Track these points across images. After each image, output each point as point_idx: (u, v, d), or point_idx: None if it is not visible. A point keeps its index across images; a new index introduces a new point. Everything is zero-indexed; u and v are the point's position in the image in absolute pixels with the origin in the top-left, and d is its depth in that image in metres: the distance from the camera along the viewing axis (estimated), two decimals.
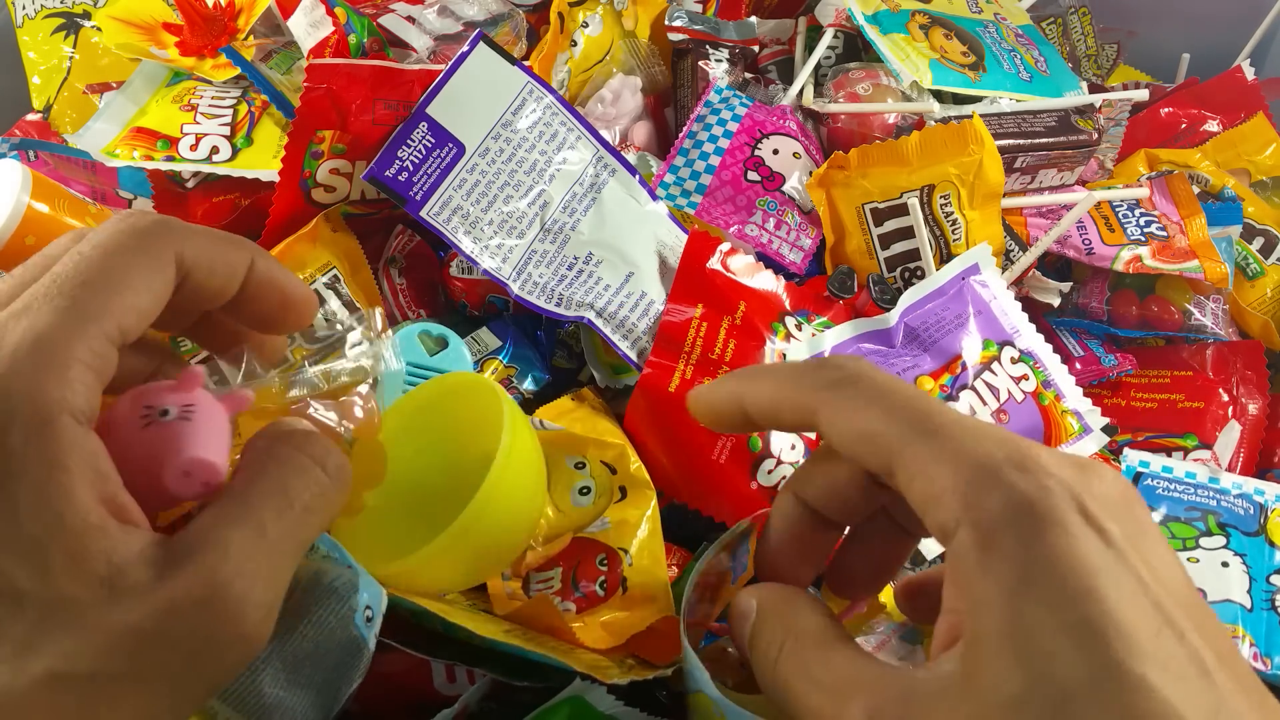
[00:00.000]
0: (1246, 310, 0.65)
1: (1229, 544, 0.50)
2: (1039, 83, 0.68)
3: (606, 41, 0.68)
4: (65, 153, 0.59)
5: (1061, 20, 0.80)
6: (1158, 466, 0.54)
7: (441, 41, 0.63)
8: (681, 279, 0.53)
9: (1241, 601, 0.47)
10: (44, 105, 0.65)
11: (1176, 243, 0.63)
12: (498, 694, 0.40)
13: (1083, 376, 0.59)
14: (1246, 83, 0.74)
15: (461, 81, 0.52)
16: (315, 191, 0.53)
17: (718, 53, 0.68)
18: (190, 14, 0.61)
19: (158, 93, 0.61)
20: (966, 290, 0.56)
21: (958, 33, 0.69)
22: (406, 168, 0.51)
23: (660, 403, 0.49)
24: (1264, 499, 0.52)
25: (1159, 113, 0.75)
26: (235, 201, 0.58)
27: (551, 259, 0.53)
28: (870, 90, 0.65)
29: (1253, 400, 0.60)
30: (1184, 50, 0.81)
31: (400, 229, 0.59)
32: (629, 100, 0.65)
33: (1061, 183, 0.67)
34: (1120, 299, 0.63)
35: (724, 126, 0.62)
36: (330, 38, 0.57)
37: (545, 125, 0.54)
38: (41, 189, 0.47)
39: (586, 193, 0.55)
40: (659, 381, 0.50)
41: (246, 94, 0.60)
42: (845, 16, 0.69)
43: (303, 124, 0.51)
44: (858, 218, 0.59)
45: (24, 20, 0.66)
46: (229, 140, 0.57)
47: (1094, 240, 0.63)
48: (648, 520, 0.45)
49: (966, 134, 0.58)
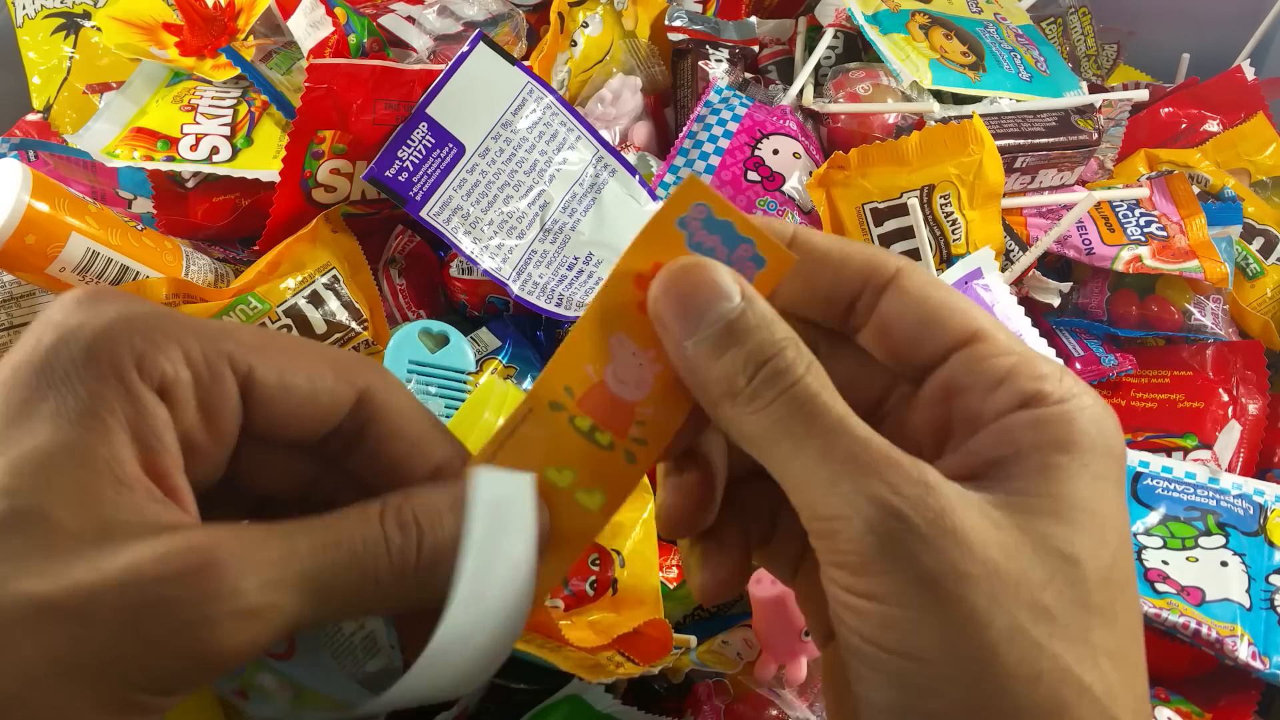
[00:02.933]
0: (1246, 310, 0.65)
1: (1228, 544, 0.50)
2: (1039, 83, 0.68)
3: (606, 41, 0.68)
4: (65, 153, 0.59)
5: (1061, 20, 0.80)
6: (1157, 466, 0.54)
7: (441, 41, 0.63)
8: None
9: (1240, 601, 0.47)
10: (44, 105, 0.65)
11: (1176, 243, 0.63)
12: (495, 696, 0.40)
13: (1083, 376, 0.59)
14: (1246, 83, 0.74)
15: (461, 82, 0.52)
16: (316, 192, 0.53)
17: (718, 53, 0.68)
18: (190, 14, 0.61)
19: (158, 93, 0.61)
20: (970, 294, 0.56)
21: (958, 33, 0.69)
22: (406, 168, 0.51)
23: None
24: (1263, 499, 0.52)
25: (1159, 113, 0.75)
26: (235, 202, 0.58)
27: (551, 259, 0.53)
28: (870, 90, 0.65)
29: (1253, 400, 0.60)
30: (1184, 50, 0.81)
31: (400, 229, 0.59)
32: (629, 100, 0.65)
33: (1061, 183, 0.67)
34: (1120, 299, 0.63)
35: (724, 127, 0.62)
36: (330, 38, 0.57)
37: (545, 125, 0.54)
38: (42, 189, 0.47)
39: (586, 193, 0.55)
40: None
41: (246, 94, 0.60)
42: (845, 16, 0.69)
43: (303, 124, 0.51)
44: (858, 218, 0.59)
45: (24, 20, 0.66)
46: (229, 140, 0.58)
47: (1094, 240, 0.63)
48: (642, 524, 0.45)
49: (966, 134, 0.58)
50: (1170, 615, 0.47)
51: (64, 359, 0.20)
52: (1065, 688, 0.19)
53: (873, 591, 0.20)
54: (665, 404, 0.24)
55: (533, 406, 0.24)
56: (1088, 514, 0.21)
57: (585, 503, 0.24)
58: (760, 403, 0.21)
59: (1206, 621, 0.46)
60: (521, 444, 0.24)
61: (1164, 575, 0.49)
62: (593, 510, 0.24)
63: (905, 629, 0.20)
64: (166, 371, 0.21)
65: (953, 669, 0.19)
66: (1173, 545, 0.51)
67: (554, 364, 0.24)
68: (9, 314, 0.53)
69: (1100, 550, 0.20)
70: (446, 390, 0.49)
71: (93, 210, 0.49)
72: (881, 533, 0.20)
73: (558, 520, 0.24)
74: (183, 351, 0.21)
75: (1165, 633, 0.47)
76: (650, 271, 0.23)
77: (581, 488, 0.24)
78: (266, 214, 0.53)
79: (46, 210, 0.47)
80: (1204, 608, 0.47)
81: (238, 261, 0.57)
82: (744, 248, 0.23)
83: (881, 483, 0.20)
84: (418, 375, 0.48)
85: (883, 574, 0.20)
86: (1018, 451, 0.21)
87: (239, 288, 0.51)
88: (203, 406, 0.21)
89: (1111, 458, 0.21)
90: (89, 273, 0.48)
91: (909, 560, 0.19)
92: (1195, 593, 0.48)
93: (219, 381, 0.22)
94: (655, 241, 0.23)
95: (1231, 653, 0.45)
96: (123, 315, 0.21)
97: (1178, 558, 0.50)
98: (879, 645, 0.20)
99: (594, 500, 0.24)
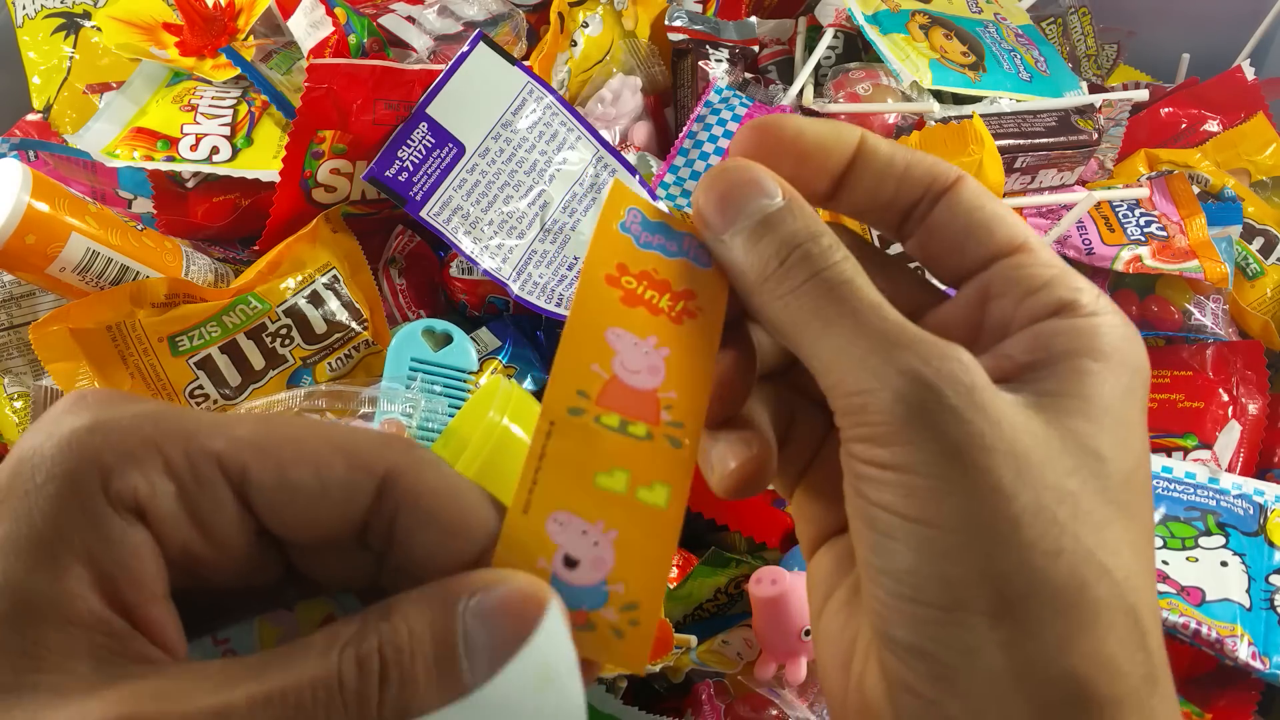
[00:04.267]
0: (1246, 310, 0.65)
1: (1228, 544, 0.50)
2: (1039, 83, 0.68)
3: (606, 41, 0.68)
4: (65, 153, 0.59)
5: (1061, 20, 0.80)
6: (1157, 466, 0.54)
7: (441, 41, 0.63)
8: None
9: (1240, 601, 0.47)
10: (44, 105, 0.65)
11: (1176, 243, 0.63)
12: None
13: None
14: (1246, 83, 0.74)
15: (461, 82, 0.52)
16: (316, 192, 0.53)
17: (718, 53, 0.68)
18: (190, 14, 0.61)
19: (158, 93, 0.61)
20: None
21: (958, 33, 0.69)
22: (407, 168, 0.51)
23: None
24: (1263, 499, 0.52)
25: (1159, 113, 0.75)
26: (235, 202, 0.58)
27: (551, 259, 0.53)
28: (870, 90, 0.65)
29: (1253, 400, 0.60)
30: (1184, 50, 0.81)
31: (400, 229, 0.59)
32: (629, 100, 0.65)
33: (1061, 183, 0.67)
34: (1120, 299, 0.64)
35: (724, 126, 0.62)
36: (330, 38, 0.57)
37: (545, 125, 0.54)
38: (42, 189, 0.47)
39: (586, 193, 0.55)
40: None
41: (246, 94, 0.60)
42: (845, 16, 0.69)
43: (303, 124, 0.51)
44: None
45: (24, 20, 0.66)
46: (229, 140, 0.58)
47: (1094, 240, 0.63)
48: None
49: (966, 134, 0.58)
50: (1170, 615, 0.47)
51: (22, 481, 0.18)
52: (1086, 567, 0.20)
53: (897, 462, 0.20)
54: (686, 383, 0.23)
55: (553, 419, 0.22)
56: (1114, 418, 0.21)
57: (650, 499, 0.22)
58: (791, 283, 0.22)
59: (1206, 621, 0.46)
60: (557, 464, 0.22)
61: (1164, 575, 0.49)
62: (661, 506, 0.22)
63: (927, 497, 0.20)
64: (140, 489, 0.18)
65: (973, 537, 0.19)
66: (1173, 545, 0.51)
67: (558, 373, 0.22)
68: (9, 314, 0.53)
69: (1125, 453, 0.21)
70: (450, 390, 0.49)
71: (93, 210, 0.49)
72: (912, 402, 0.20)
73: (629, 531, 0.21)
74: (163, 460, 0.19)
75: (1165, 633, 0.47)
76: (617, 272, 0.23)
77: (641, 485, 0.22)
78: (266, 214, 0.53)
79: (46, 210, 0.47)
80: (1204, 608, 0.47)
81: (238, 261, 0.57)
82: (687, 240, 0.24)
83: (914, 355, 0.20)
84: (421, 374, 0.48)
85: (909, 443, 0.20)
86: (1050, 355, 0.21)
87: (239, 288, 0.51)
88: (192, 516, 0.19)
89: (1139, 375, 0.22)
90: (89, 272, 0.48)
91: (937, 430, 0.19)
92: (1195, 593, 0.48)
93: (206, 488, 0.19)
94: (607, 248, 0.24)
95: (1231, 653, 0.45)
96: (96, 425, 0.19)
97: (1178, 558, 0.50)
98: (899, 514, 0.20)
99: (659, 495, 0.22)
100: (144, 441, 0.19)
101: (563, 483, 0.21)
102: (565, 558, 0.20)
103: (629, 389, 0.23)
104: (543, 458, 0.21)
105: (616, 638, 0.20)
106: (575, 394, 0.22)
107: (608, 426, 0.22)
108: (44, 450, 0.18)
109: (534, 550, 0.20)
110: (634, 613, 0.21)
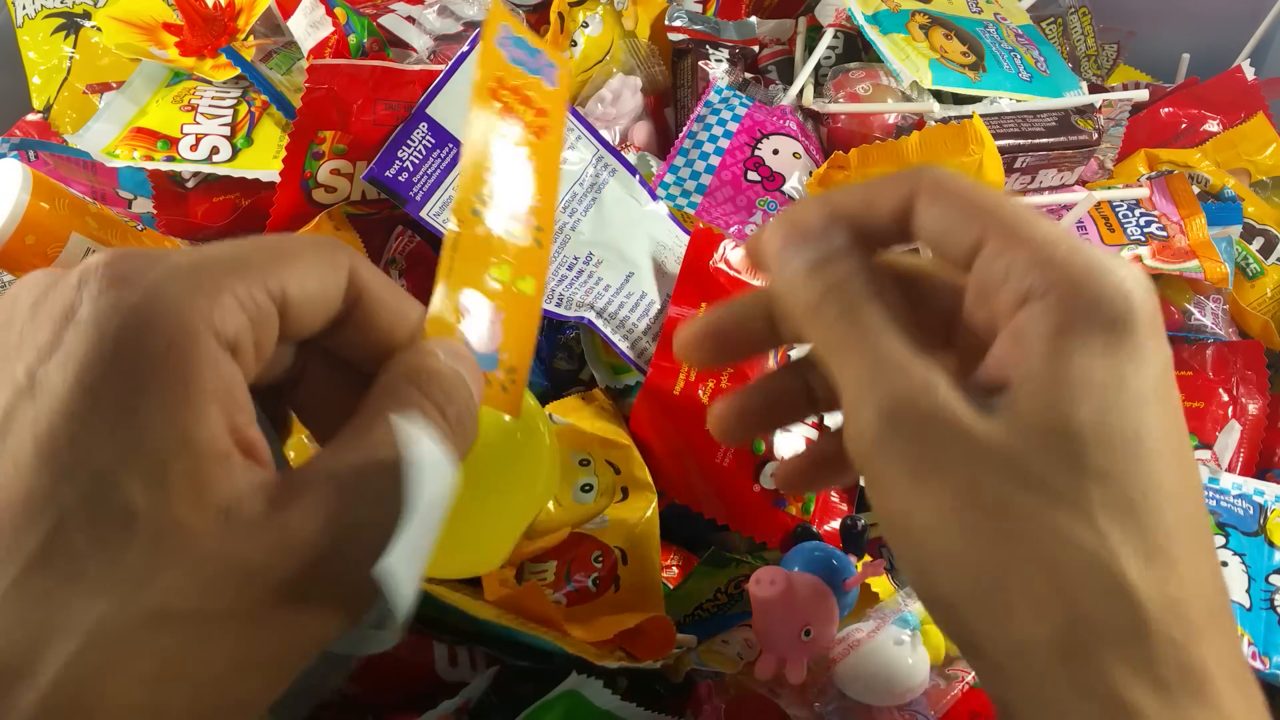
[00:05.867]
0: (1246, 310, 0.65)
1: (1228, 544, 0.50)
2: (1039, 83, 0.68)
3: (606, 41, 0.68)
4: (65, 153, 0.59)
5: (1061, 20, 0.80)
6: None
7: (441, 41, 0.63)
8: (684, 278, 0.53)
9: (1240, 601, 0.47)
10: (44, 105, 0.65)
11: (1176, 243, 0.63)
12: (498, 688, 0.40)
13: None
14: (1246, 83, 0.74)
15: (462, 82, 0.52)
16: (316, 192, 0.53)
17: (718, 53, 0.68)
18: (190, 14, 0.61)
19: (158, 93, 0.61)
20: None
21: (958, 33, 0.69)
22: (407, 168, 0.51)
23: (665, 404, 0.50)
24: (1263, 499, 0.52)
25: (1159, 113, 0.75)
26: (235, 202, 0.58)
27: (551, 259, 0.53)
28: (870, 90, 0.65)
29: (1253, 400, 0.60)
30: (1184, 50, 0.81)
31: (400, 230, 0.59)
32: (629, 100, 0.65)
33: (1061, 183, 0.67)
34: None
35: (724, 126, 0.62)
36: (330, 38, 0.57)
37: None
38: (42, 189, 0.47)
39: (586, 193, 0.55)
40: (664, 383, 0.50)
41: (246, 94, 0.60)
42: (845, 16, 0.69)
43: (304, 124, 0.51)
44: None
45: (24, 20, 0.66)
46: (229, 140, 0.58)
47: (1094, 240, 0.63)
48: (646, 522, 0.45)
49: (966, 134, 0.58)
50: None
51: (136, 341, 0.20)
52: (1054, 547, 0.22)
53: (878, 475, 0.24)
54: (544, 193, 0.28)
55: (462, 219, 0.26)
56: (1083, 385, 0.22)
57: (523, 289, 0.27)
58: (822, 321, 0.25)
59: None
60: (466, 252, 0.26)
61: None
62: (530, 294, 0.27)
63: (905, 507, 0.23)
64: (230, 327, 0.21)
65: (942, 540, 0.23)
66: None
67: (464, 179, 0.26)
68: None
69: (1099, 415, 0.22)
70: None
71: (93, 210, 0.49)
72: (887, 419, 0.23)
73: (512, 315, 0.26)
74: (235, 299, 0.21)
75: None
76: (496, 85, 0.27)
77: (519, 278, 0.27)
78: (266, 214, 0.53)
79: (47, 210, 0.47)
80: None
81: None
82: (540, 57, 0.28)
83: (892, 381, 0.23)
84: None
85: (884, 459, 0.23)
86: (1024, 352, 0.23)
87: None
88: (257, 345, 0.22)
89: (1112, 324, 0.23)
90: None
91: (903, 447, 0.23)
92: None
93: (268, 319, 0.22)
94: (488, 64, 0.27)
95: None
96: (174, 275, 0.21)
97: None
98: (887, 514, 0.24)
99: (528, 285, 0.27)
100: (218, 285, 0.21)
101: (469, 268, 0.26)
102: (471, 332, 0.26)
103: None
104: (455, 250, 0.26)
105: (503, 391, 0.26)
106: (474, 197, 0.27)
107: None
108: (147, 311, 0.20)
109: (451, 325, 0.25)
110: (514, 374, 0.26)
